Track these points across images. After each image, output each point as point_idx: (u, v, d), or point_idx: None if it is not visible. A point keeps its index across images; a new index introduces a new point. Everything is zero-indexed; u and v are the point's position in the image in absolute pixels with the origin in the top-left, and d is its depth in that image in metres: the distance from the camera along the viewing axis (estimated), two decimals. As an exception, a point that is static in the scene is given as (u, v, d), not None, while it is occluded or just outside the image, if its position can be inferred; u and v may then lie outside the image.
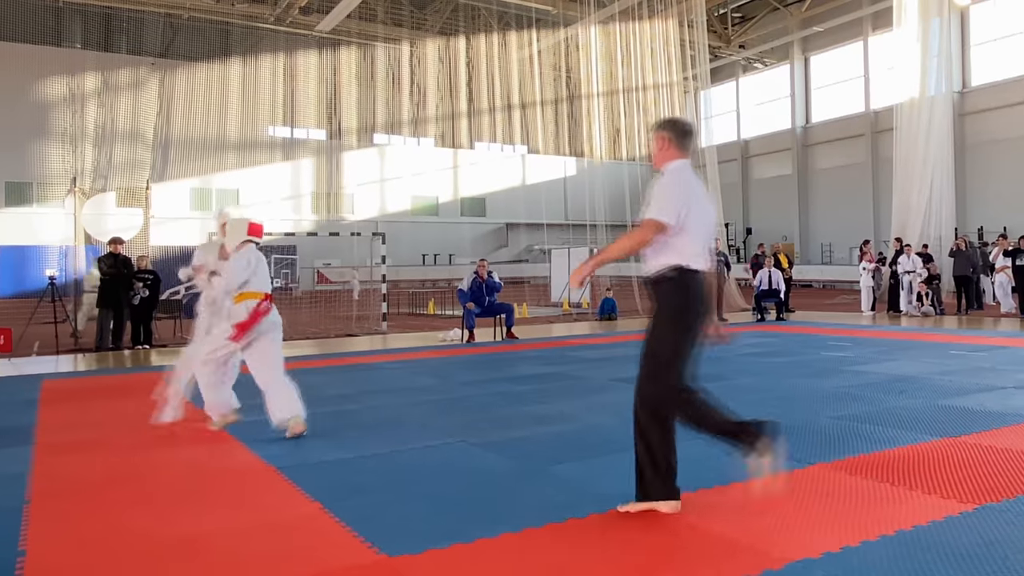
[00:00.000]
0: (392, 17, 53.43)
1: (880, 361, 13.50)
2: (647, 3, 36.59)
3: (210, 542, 5.02)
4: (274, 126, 53.30)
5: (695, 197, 5.69)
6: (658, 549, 4.77)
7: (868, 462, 6.69)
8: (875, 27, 48.37)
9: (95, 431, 8.77)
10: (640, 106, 37.87)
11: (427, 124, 58.36)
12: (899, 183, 31.07)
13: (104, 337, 18.05)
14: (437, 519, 5.37)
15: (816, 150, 54.73)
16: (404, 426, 8.71)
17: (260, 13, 48.33)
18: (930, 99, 30.72)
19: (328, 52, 53.72)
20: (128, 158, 43.88)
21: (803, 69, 55.31)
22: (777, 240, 48.70)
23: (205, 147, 49.84)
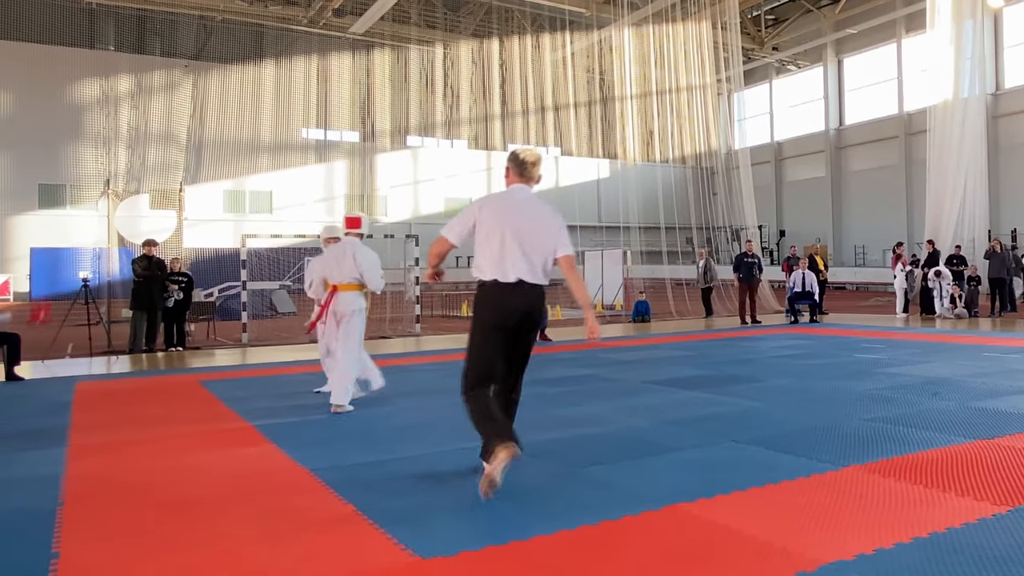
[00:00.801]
0: (425, 19, 53.55)
1: (913, 363, 13.47)
2: (681, 5, 36.59)
3: (243, 545, 5.03)
4: (307, 128, 53.39)
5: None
6: (691, 551, 4.77)
7: (901, 464, 6.67)
8: (908, 29, 48.24)
9: (128, 433, 8.74)
10: (674, 108, 37.85)
11: (460, 126, 58.39)
12: (932, 185, 30.95)
13: (138, 339, 18.03)
14: (470, 521, 5.40)
15: (849, 152, 54.61)
16: (437, 428, 8.69)
17: (294, 15, 48.51)
18: (963, 101, 30.58)
19: (361, 54, 53.82)
20: (161, 160, 44.18)
21: (836, 71, 55.19)
22: (811, 242, 48.70)
23: (238, 149, 49.98)
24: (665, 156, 40.18)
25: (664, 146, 39.85)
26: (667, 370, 13.24)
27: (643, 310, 25.24)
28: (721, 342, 18.42)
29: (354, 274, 10.20)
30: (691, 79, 37.19)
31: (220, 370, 15.00)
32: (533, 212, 6.54)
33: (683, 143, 38.94)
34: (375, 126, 55.32)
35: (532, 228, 6.44)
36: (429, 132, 57.63)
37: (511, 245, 6.32)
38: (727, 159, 39.64)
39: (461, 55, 55.90)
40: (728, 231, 38.29)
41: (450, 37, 55.14)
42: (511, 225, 6.38)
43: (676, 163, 42.16)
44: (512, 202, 6.56)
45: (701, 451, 7.25)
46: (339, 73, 53.72)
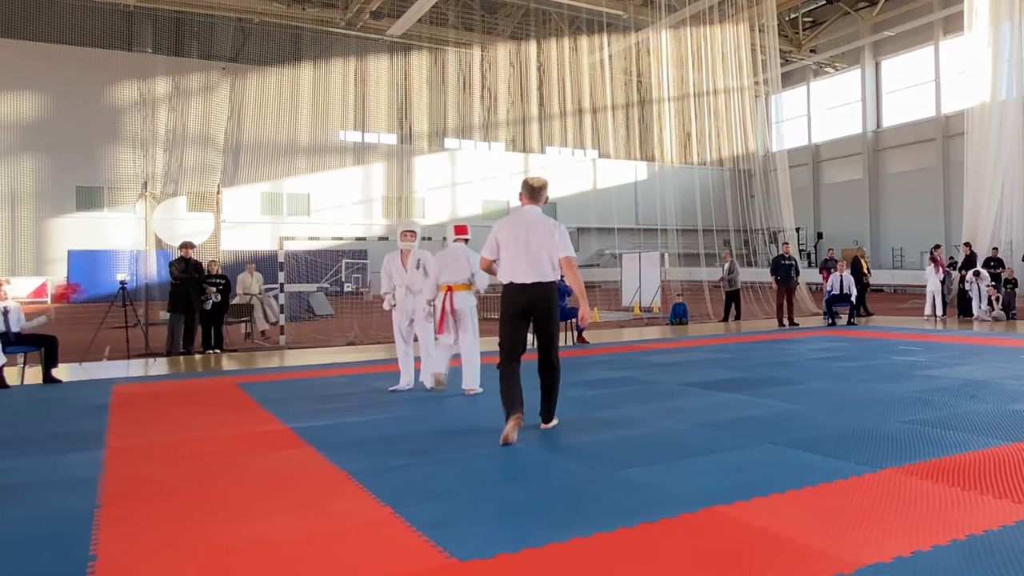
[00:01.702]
0: (463, 21, 53.62)
1: (951, 365, 13.43)
2: (718, 7, 36.54)
3: (281, 547, 5.05)
4: (345, 130, 53.51)
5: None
6: (730, 553, 4.77)
7: (939, 467, 6.65)
8: (946, 31, 48.09)
9: (166, 435, 8.78)
10: (711, 110, 37.79)
11: (498, 128, 58.47)
12: (970, 188, 30.82)
13: (175, 341, 18.08)
14: (508, 524, 5.39)
15: (887, 154, 54.48)
16: (475, 431, 8.68)
17: (331, 18, 48.66)
18: (1001, 103, 30.44)
19: (399, 56, 53.96)
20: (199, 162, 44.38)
21: (874, 73, 55.06)
22: (848, 245, 48.54)
23: (276, 151, 50.14)
24: (702, 159, 40.15)
25: (701, 148, 39.82)
26: (704, 372, 13.22)
27: (680, 312, 25.23)
28: (758, 344, 18.36)
29: (466, 275, 11.09)
30: (728, 81, 37.15)
31: (257, 372, 15.04)
32: (539, 227, 8.48)
33: (720, 145, 38.90)
34: (412, 128, 55.43)
35: (538, 239, 8.38)
36: (466, 134, 57.72)
37: (521, 254, 8.35)
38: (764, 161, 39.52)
39: (498, 57, 55.95)
40: (765, 233, 38.21)
41: (487, 39, 55.20)
42: (521, 239, 8.39)
43: (713, 165, 42.14)
44: (522, 221, 8.54)
45: (738, 453, 7.25)
46: (376, 75, 53.84)
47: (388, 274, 11.90)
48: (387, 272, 11.91)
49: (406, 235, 11.85)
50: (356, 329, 22.60)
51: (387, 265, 11.94)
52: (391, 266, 11.88)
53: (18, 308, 13.81)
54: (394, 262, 11.88)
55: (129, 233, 35.82)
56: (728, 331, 22.57)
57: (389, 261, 11.93)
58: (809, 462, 6.89)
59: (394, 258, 11.90)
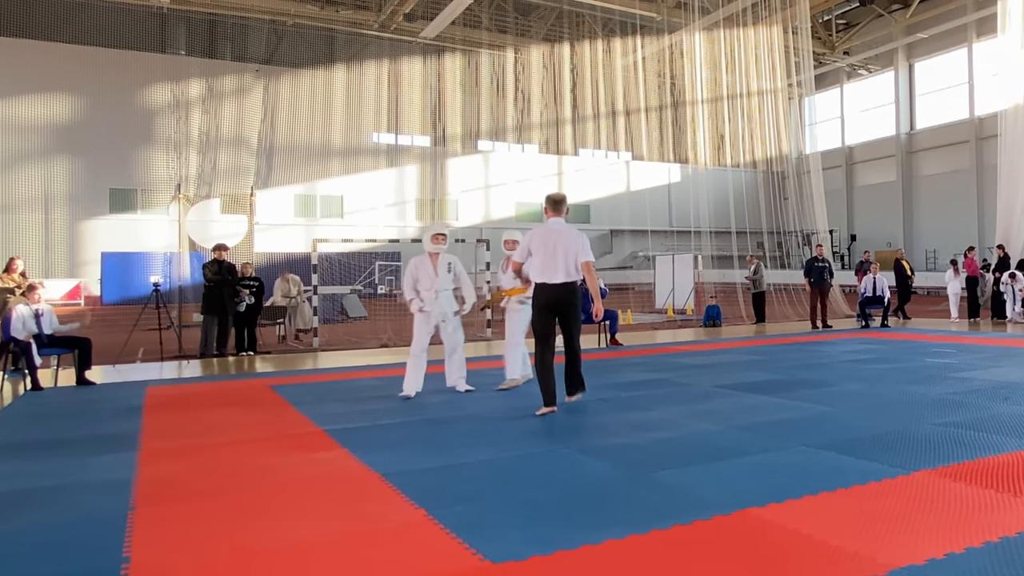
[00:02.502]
0: (496, 24, 53.54)
1: (984, 368, 13.40)
2: (751, 9, 36.47)
3: (315, 550, 5.07)
4: (378, 133, 53.45)
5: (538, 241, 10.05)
6: (763, 555, 4.79)
7: (973, 469, 6.65)
8: (979, 33, 47.91)
9: (199, 438, 8.82)
10: (744, 112, 37.71)
11: (531, 130, 58.33)
12: (1003, 190, 30.66)
13: (208, 344, 18.19)
14: (541, 526, 5.39)
15: (920, 156, 54.31)
16: (506, 433, 8.74)
17: (364, 20, 48.64)
18: (1034, 106, 30.29)
19: (432, 59, 53.85)
20: (232, 165, 44.49)
21: (907, 75, 54.89)
22: (881, 247, 48.41)
23: (309, 154, 50.08)
24: (736, 161, 39.99)
25: (735, 151, 39.67)
26: (737, 374, 13.27)
27: (714, 314, 25.28)
28: (792, 346, 18.37)
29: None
30: (762, 83, 37.06)
31: (290, 374, 15.11)
32: (565, 236, 9.96)
33: (754, 148, 38.78)
34: (446, 130, 55.31)
35: (564, 246, 9.86)
36: (500, 136, 57.62)
37: (548, 259, 9.85)
38: (798, 163, 39.55)
39: (532, 59, 55.81)
40: (799, 235, 38.13)
41: (521, 41, 55.09)
42: (550, 246, 9.88)
43: (747, 168, 41.93)
44: (549, 231, 10.04)
45: (772, 456, 7.27)
46: (410, 77, 53.75)
47: (414, 278, 11.66)
48: (412, 276, 11.67)
49: (438, 238, 11.73)
50: (389, 331, 22.72)
51: (414, 269, 11.70)
52: (419, 270, 11.67)
53: (51, 311, 13.92)
54: (423, 266, 11.67)
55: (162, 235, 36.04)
56: (761, 333, 22.57)
57: (417, 265, 11.71)
58: (842, 464, 6.90)
59: (423, 262, 11.70)
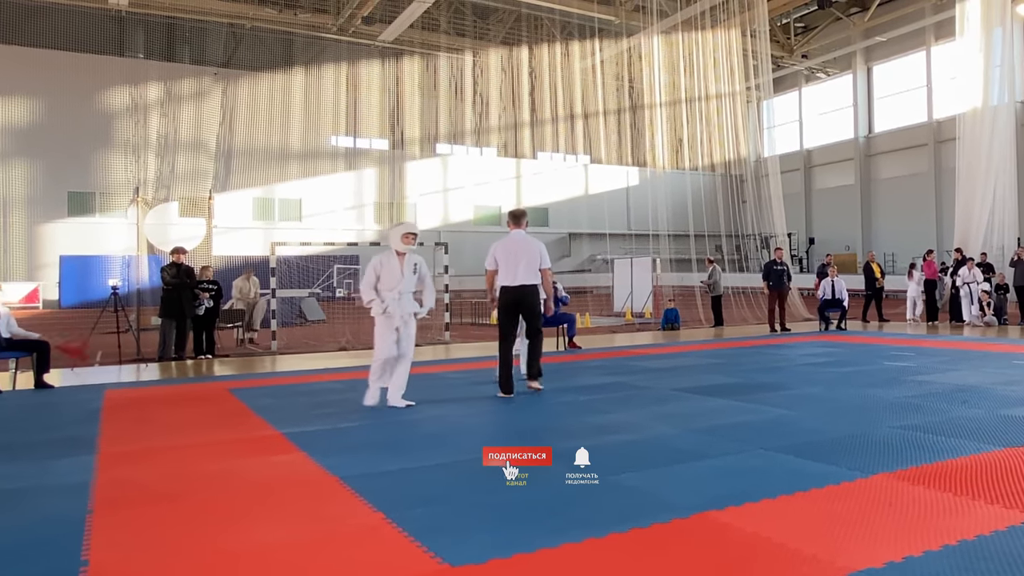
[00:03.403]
0: (455, 27, 53.60)
1: (942, 371, 13.46)
2: (710, 13, 36.58)
3: (273, 553, 5.06)
4: (337, 136, 53.52)
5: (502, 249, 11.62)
6: (722, 558, 4.79)
7: (931, 472, 6.66)
8: (938, 37, 48.19)
9: (158, 440, 8.78)
10: (703, 116, 37.84)
11: (490, 134, 58.47)
12: (962, 193, 30.85)
13: (167, 347, 18.09)
14: (500, 529, 5.39)
15: (879, 160, 54.63)
16: (467, 436, 8.75)
17: (323, 23, 48.62)
18: (993, 109, 30.45)
19: (391, 62, 53.89)
20: (191, 168, 44.39)
21: (866, 79, 55.19)
22: (840, 250, 48.69)
23: (268, 157, 50.07)
24: (694, 164, 40.13)
25: (693, 154, 39.80)
26: (696, 378, 13.27)
27: (672, 318, 25.30)
28: (750, 350, 18.46)
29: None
30: (720, 87, 37.19)
31: (249, 378, 15.10)
32: (524, 245, 11.55)
33: (712, 151, 38.91)
34: (404, 134, 55.38)
35: (524, 254, 11.45)
36: (458, 140, 57.74)
37: (511, 265, 11.42)
38: (756, 167, 39.67)
39: (490, 63, 55.94)
40: (757, 239, 38.27)
41: (479, 45, 55.17)
42: (511, 254, 11.48)
43: (705, 171, 42.12)
44: (512, 241, 11.60)
45: (730, 459, 7.26)
46: (368, 81, 53.77)
47: (375, 277, 10.76)
48: (374, 275, 10.76)
49: (408, 237, 10.96)
50: (348, 334, 22.72)
51: (377, 267, 10.79)
52: (383, 269, 10.78)
53: (8, 314, 13.80)
54: (388, 265, 10.80)
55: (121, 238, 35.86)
56: (720, 336, 22.64)
57: (382, 263, 10.82)
58: (801, 467, 6.91)
59: (388, 260, 10.82)
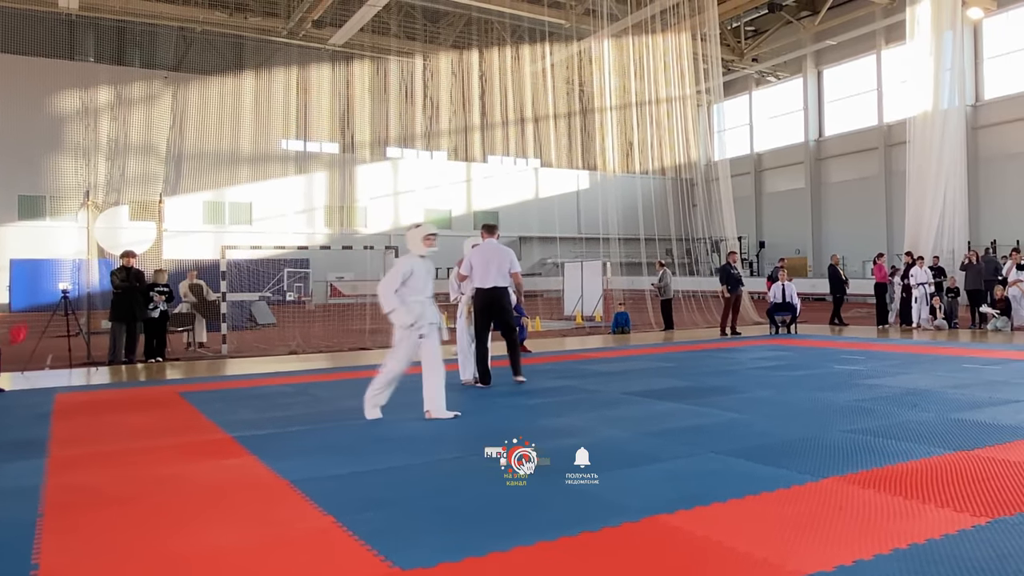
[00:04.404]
0: (405, 31, 53.58)
1: (893, 374, 13.51)
2: (660, 16, 36.61)
3: (222, 556, 5.03)
4: (287, 139, 53.46)
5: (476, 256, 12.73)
6: (672, 562, 4.77)
7: (881, 476, 6.67)
8: (888, 40, 48.41)
9: (108, 444, 8.76)
10: (653, 119, 37.86)
11: (440, 137, 58.54)
12: (912, 197, 30.95)
13: (117, 351, 18.04)
14: (450, 532, 5.37)
15: (829, 163, 54.87)
16: (417, 439, 8.74)
17: (273, 27, 48.50)
18: (943, 112, 30.59)
19: (341, 65, 53.89)
20: (141, 171, 44.15)
21: (816, 82, 55.41)
22: (790, 254, 48.85)
23: (218, 160, 50.01)
24: (645, 167, 40.15)
25: (644, 157, 39.83)
26: (647, 381, 13.30)
27: (623, 321, 25.26)
28: (701, 353, 18.49)
29: None
30: (671, 90, 37.22)
31: (200, 381, 15.10)
32: (497, 252, 12.78)
33: (663, 154, 38.97)
34: (355, 137, 55.43)
35: (496, 260, 12.69)
36: (409, 143, 57.78)
37: (484, 270, 12.63)
38: (707, 170, 39.69)
39: (441, 66, 55.97)
40: (707, 242, 38.37)
41: (430, 48, 55.19)
42: (485, 260, 12.67)
43: (656, 174, 42.20)
44: (486, 248, 12.80)
45: (681, 462, 7.27)
46: (319, 84, 53.79)
47: (402, 281, 9.93)
48: (399, 280, 9.90)
49: (431, 240, 10.36)
50: (298, 338, 22.66)
51: (405, 272, 9.98)
52: (412, 275, 10.02)
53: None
54: (417, 268, 10.10)
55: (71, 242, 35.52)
56: (670, 340, 22.69)
57: (412, 269, 10.05)
58: (752, 471, 6.92)
59: (413, 263, 10.11)
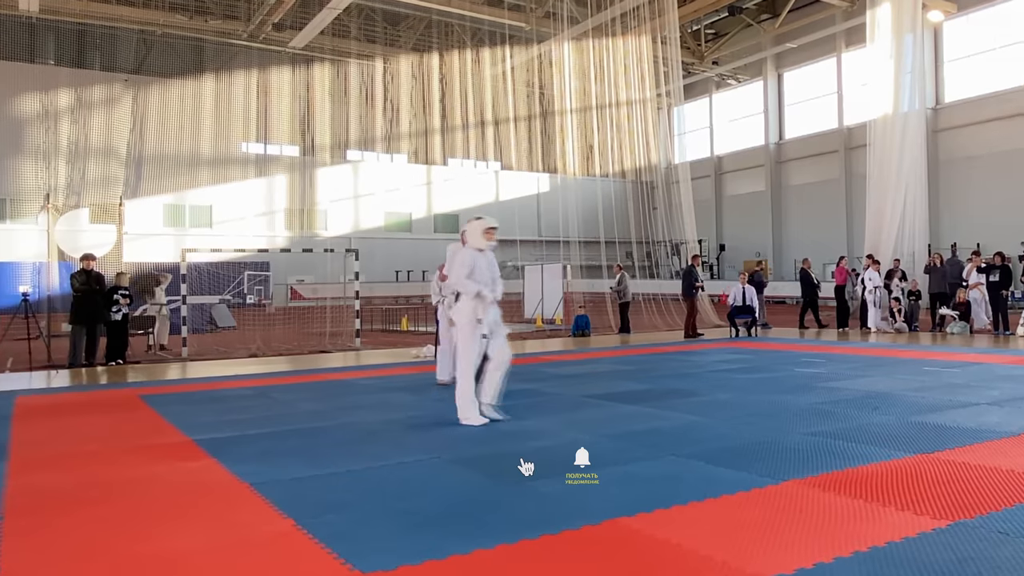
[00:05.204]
0: (365, 34, 53.46)
1: (853, 377, 13.59)
2: (620, 20, 36.60)
3: (184, 559, 5.01)
4: (247, 142, 53.24)
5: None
6: (632, 565, 4.77)
7: (842, 479, 6.71)
8: (848, 43, 48.45)
9: (69, 447, 8.74)
10: (613, 122, 37.88)
11: (400, 140, 58.38)
12: (872, 199, 30.95)
13: (77, 354, 17.95)
14: (411, 536, 5.37)
15: (789, 166, 54.83)
16: (378, 442, 8.72)
17: (233, 29, 48.31)
18: (903, 115, 30.59)
19: (301, 68, 53.76)
20: (101, 174, 43.94)
21: (776, 85, 55.37)
22: (750, 257, 48.98)
23: (178, 163, 49.79)
24: (605, 170, 40.19)
25: (604, 160, 39.85)
26: (608, 384, 13.37)
27: (583, 324, 25.29)
28: (662, 356, 18.55)
29: None
30: (631, 93, 37.24)
31: (160, 384, 15.03)
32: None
33: (623, 157, 38.97)
34: (315, 140, 55.26)
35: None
36: (369, 146, 57.59)
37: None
38: (667, 173, 39.73)
39: (401, 69, 55.89)
40: (668, 245, 38.42)
41: (390, 51, 55.13)
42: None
43: (616, 177, 42.23)
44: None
45: (641, 465, 7.28)
46: (279, 87, 53.63)
47: (470, 270, 9.82)
48: (469, 267, 9.81)
49: (491, 233, 10.16)
50: (258, 341, 22.60)
51: (469, 261, 9.88)
52: (476, 268, 9.89)
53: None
54: (479, 261, 9.95)
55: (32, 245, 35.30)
56: (631, 343, 22.72)
57: (475, 260, 9.92)
58: (712, 474, 6.96)
59: (474, 256, 9.96)
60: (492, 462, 7.57)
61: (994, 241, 35.84)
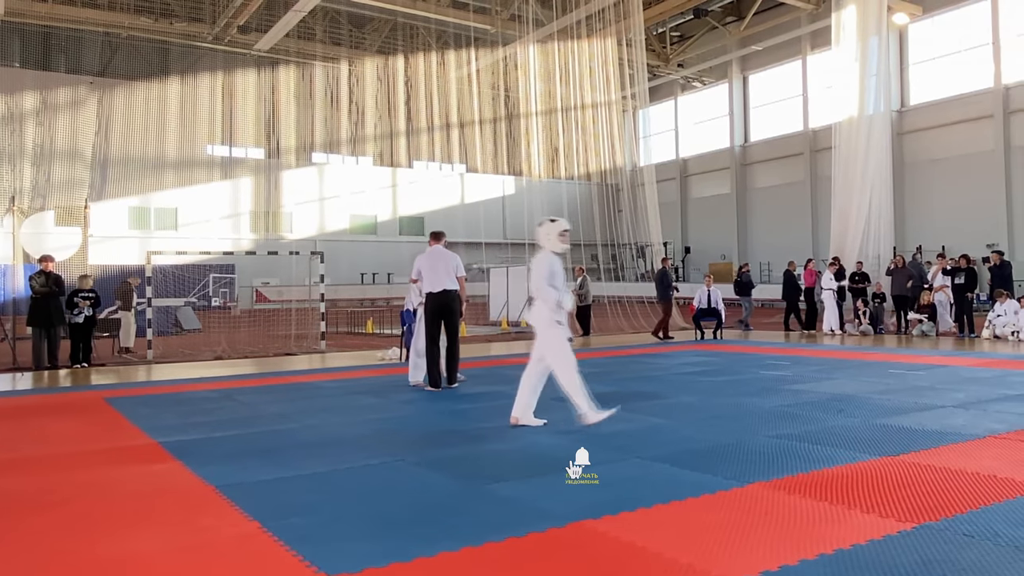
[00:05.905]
0: (330, 36, 53.49)
1: (818, 380, 13.62)
2: (585, 22, 36.68)
3: (148, 562, 4.99)
4: (213, 145, 53.18)
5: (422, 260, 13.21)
6: (597, 568, 4.77)
7: (807, 481, 6.72)
8: (813, 46, 48.54)
9: (33, 450, 8.71)
10: (579, 124, 37.98)
11: (365, 143, 58.30)
12: (837, 202, 31.06)
13: (40, 356, 17.87)
14: (376, 538, 5.36)
15: (755, 169, 54.93)
16: (343, 445, 8.70)
17: (198, 32, 48.23)
18: (868, 118, 30.69)
19: (266, 71, 53.70)
20: (66, 177, 43.81)
21: (741, 88, 55.45)
22: (716, 259, 49.09)
23: (144, 166, 49.72)
24: (570, 173, 40.35)
25: (569, 163, 40.02)
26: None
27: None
28: (627, 359, 18.65)
29: None
30: (596, 96, 37.33)
31: (125, 387, 14.98)
32: (444, 257, 13.09)
33: (588, 160, 39.11)
34: (280, 143, 55.23)
35: (443, 265, 13.00)
36: (334, 149, 57.54)
37: (433, 275, 12.89)
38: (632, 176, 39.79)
39: (366, 72, 55.84)
40: (633, 248, 38.47)
41: (355, 54, 55.11)
42: (433, 265, 12.98)
43: (581, 180, 42.37)
44: (433, 254, 13.13)
45: (606, 468, 7.21)
46: (244, 90, 53.54)
47: (552, 273, 9.44)
48: (550, 270, 9.45)
49: (566, 236, 9.75)
50: (223, 343, 22.57)
51: (551, 263, 9.55)
52: (555, 273, 9.53)
53: None
54: (555, 264, 9.60)
55: (-4, 247, 35.28)
56: (595, 345, 22.74)
57: (553, 264, 9.57)
58: (677, 476, 6.97)
59: (551, 260, 9.60)
60: (457, 464, 7.56)
61: (959, 244, 35.95)
